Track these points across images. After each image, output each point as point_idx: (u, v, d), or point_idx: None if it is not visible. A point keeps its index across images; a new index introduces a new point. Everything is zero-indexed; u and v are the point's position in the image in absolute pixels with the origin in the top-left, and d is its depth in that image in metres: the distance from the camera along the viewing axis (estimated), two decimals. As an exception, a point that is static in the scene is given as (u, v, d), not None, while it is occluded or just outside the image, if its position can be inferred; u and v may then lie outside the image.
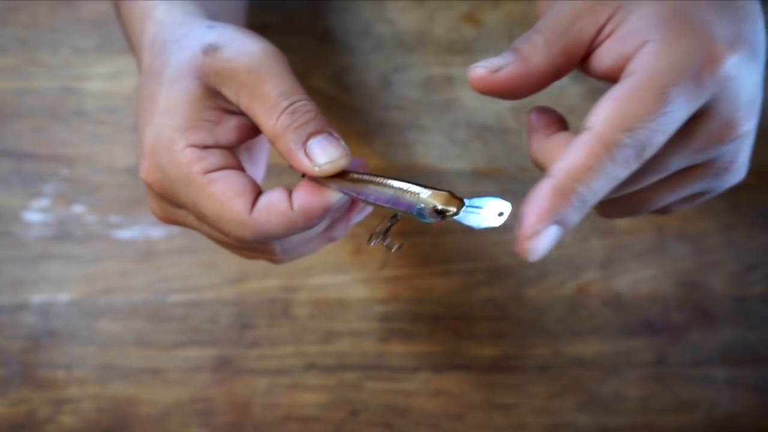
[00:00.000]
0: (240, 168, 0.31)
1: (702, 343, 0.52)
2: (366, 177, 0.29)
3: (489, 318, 0.52)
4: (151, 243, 0.51)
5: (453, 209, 0.26)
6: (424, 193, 0.27)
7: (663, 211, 0.32)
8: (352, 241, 0.52)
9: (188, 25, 0.32)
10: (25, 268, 0.51)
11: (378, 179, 0.28)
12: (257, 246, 0.32)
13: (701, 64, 0.25)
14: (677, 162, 0.28)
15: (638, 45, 0.26)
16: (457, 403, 0.51)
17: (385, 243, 0.31)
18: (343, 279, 0.52)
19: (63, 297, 0.51)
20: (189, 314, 0.51)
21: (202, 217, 0.30)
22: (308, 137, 0.29)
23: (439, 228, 0.52)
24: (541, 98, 0.57)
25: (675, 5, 0.27)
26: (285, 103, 0.29)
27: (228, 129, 0.31)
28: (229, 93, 0.30)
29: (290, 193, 0.30)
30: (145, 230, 0.52)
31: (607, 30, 0.28)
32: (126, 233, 0.52)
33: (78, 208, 0.52)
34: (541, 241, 0.25)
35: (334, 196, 0.29)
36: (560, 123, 0.30)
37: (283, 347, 0.51)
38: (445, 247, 0.52)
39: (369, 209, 0.35)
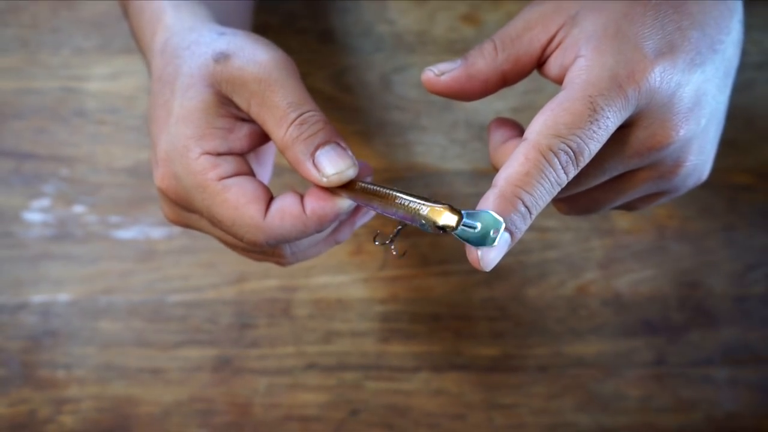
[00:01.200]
0: (251, 173, 0.31)
1: (702, 343, 0.52)
2: (372, 188, 0.30)
3: (489, 318, 0.52)
4: (151, 243, 0.51)
5: (452, 225, 0.27)
6: (424, 210, 0.28)
7: (628, 208, 0.34)
8: (352, 241, 0.52)
9: (198, 30, 0.32)
10: (26, 268, 0.51)
11: (384, 191, 0.29)
12: (268, 249, 0.33)
13: (625, 77, 0.27)
14: (615, 167, 0.29)
15: (573, 58, 0.28)
16: (457, 403, 0.51)
17: (392, 247, 0.31)
18: (343, 279, 0.52)
19: (63, 297, 0.51)
20: (189, 314, 0.51)
21: (216, 223, 0.31)
22: (316, 149, 0.29)
23: (439, 228, 0.52)
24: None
25: (611, 20, 0.28)
26: (294, 114, 0.29)
27: (240, 136, 0.31)
28: (240, 101, 0.30)
29: (301, 197, 0.30)
30: (146, 230, 0.52)
31: (557, 40, 0.29)
32: (126, 233, 0.52)
33: (78, 208, 0.52)
34: (490, 252, 0.27)
35: (344, 202, 0.30)
36: (515, 131, 0.31)
37: (283, 347, 0.51)
38: (445, 247, 0.52)
39: (372, 213, 0.36)
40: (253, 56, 0.30)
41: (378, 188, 0.29)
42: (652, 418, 0.51)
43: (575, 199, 0.32)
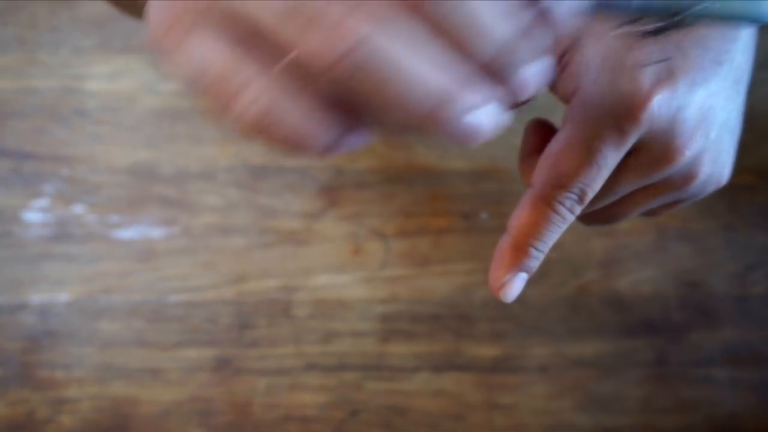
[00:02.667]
0: None
1: (702, 343, 0.52)
2: None
3: (489, 318, 0.52)
4: (151, 243, 0.51)
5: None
6: None
7: (649, 214, 0.34)
8: (352, 241, 0.52)
9: None
10: (25, 268, 0.51)
11: None
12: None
13: (623, 114, 0.27)
14: (624, 189, 0.30)
15: (573, 89, 0.28)
16: (457, 403, 0.51)
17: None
18: (343, 279, 0.52)
19: (63, 297, 0.51)
20: (189, 314, 0.51)
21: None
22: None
23: (439, 228, 0.52)
24: (542, 100, 0.57)
25: (611, 49, 0.28)
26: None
27: None
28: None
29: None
30: (145, 230, 0.52)
31: (564, 61, 0.29)
32: (126, 233, 0.52)
33: (78, 208, 0.52)
34: (511, 288, 0.30)
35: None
36: (544, 141, 0.31)
37: (283, 347, 0.51)
38: (445, 247, 0.52)
39: None
40: None
41: None
42: (652, 419, 0.51)
43: (593, 215, 0.33)
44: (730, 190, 0.53)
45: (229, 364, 0.51)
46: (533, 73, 0.21)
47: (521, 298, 0.52)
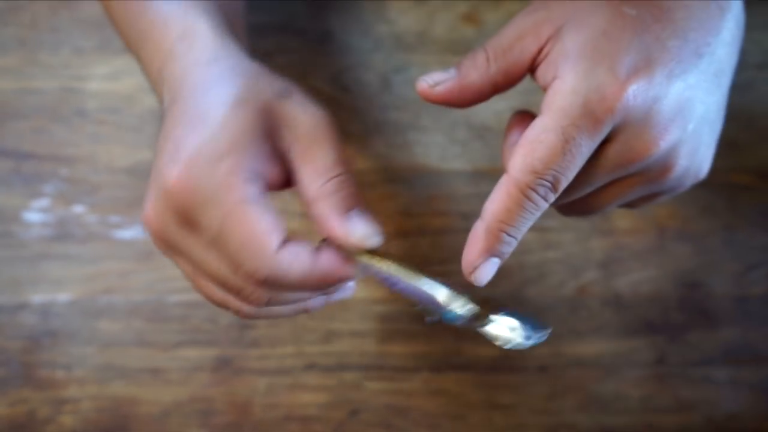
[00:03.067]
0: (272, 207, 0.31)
1: (702, 344, 0.52)
2: (394, 266, 0.31)
3: (489, 318, 0.52)
4: (151, 243, 0.51)
5: (482, 320, 0.31)
6: (459, 302, 0.31)
7: (628, 206, 0.34)
8: (352, 241, 0.52)
9: (247, 61, 0.32)
10: (26, 268, 0.51)
11: (406, 271, 0.30)
12: (248, 289, 0.31)
13: (597, 102, 0.27)
14: (599, 180, 0.30)
15: (552, 78, 0.29)
16: (457, 403, 0.51)
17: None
18: (343, 279, 0.52)
19: (63, 297, 0.51)
20: (189, 314, 0.51)
21: (220, 243, 0.30)
22: (350, 209, 0.31)
23: (439, 228, 0.52)
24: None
25: (590, 39, 0.28)
26: (337, 170, 0.31)
27: (273, 171, 0.31)
28: (286, 138, 0.31)
29: (316, 250, 0.31)
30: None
31: (545, 51, 0.29)
32: (126, 233, 0.52)
33: (78, 208, 0.52)
34: (482, 272, 0.31)
35: (354, 271, 0.31)
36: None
37: (283, 347, 0.51)
38: (445, 247, 0.52)
39: (350, 292, 0.35)
40: (311, 104, 0.31)
41: (401, 267, 0.31)
42: (652, 419, 0.51)
43: (570, 206, 0.33)
44: (730, 190, 0.54)
45: (229, 364, 0.51)
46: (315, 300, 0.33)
47: (521, 298, 0.52)
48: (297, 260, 0.30)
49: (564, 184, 0.28)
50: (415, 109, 0.53)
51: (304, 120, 0.31)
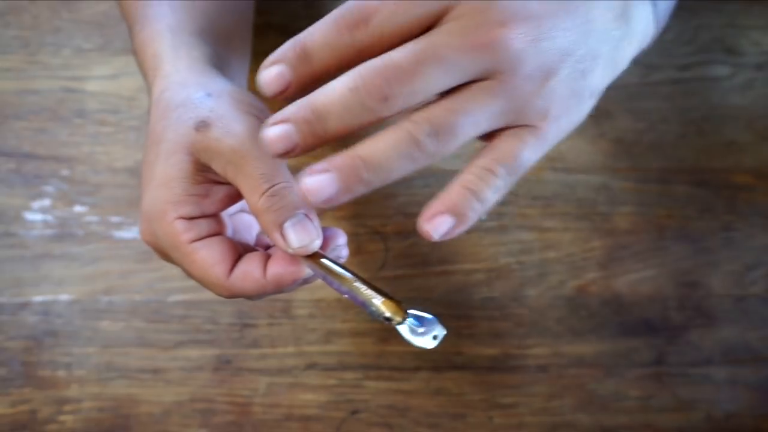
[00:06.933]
0: (222, 232, 0.35)
1: (701, 343, 0.52)
2: (333, 266, 0.32)
3: (489, 318, 0.52)
4: (152, 243, 0.52)
5: (399, 319, 0.31)
6: (378, 300, 0.31)
7: (485, 139, 0.31)
8: (352, 241, 0.52)
9: (190, 87, 0.34)
10: (27, 268, 0.51)
11: (343, 272, 0.32)
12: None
13: None
14: (434, 68, 0.27)
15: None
16: (457, 402, 0.51)
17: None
18: (343, 279, 0.52)
19: (64, 297, 0.51)
20: (189, 314, 0.51)
21: (189, 276, 0.35)
22: (284, 220, 0.32)
23: (439, 228, 0.53)
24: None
25: None
26: (265, 186, 0.32)
27: (215, 200, 0.34)
28: (217, 168, 0.33)
29: (267, 259, 0.33)
30: (146, 230, 0.52)
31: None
32: (127, 233, 0.52)
33: (79, 209, 0.52)
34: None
35: (305, 270, 0.33)
36: None
37: (283, 347, 0.51)
38: (445, 247, 0.52)
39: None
40: (231, 126, 0.32)
41: (338, 268, 0.32)
42: (651, 418, 0.51)
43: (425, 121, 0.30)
44: (730, 190, 0.54)
45: (229, 363, 0.51)
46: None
47: (521, 298, 0.53)
48: (248, 279, 0.33)
49: (374, 26, 0.27)
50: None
51: (227, 145, 0.32)
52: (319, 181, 0.28)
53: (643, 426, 0.51)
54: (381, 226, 0.52)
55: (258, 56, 0.54)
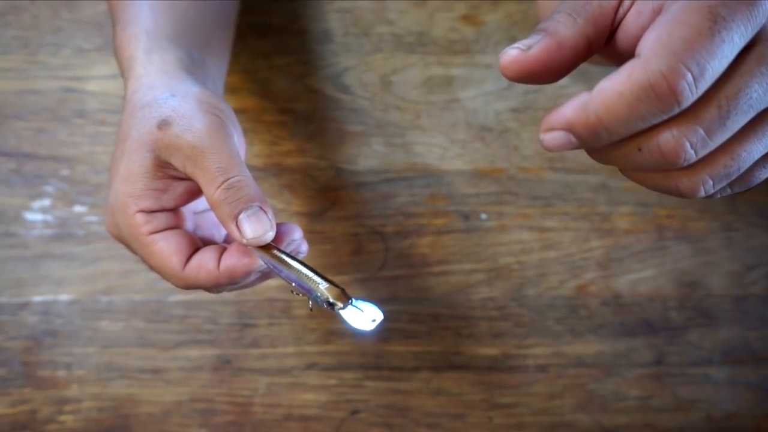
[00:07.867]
0: (180, 226, 0.37)
1: (701, 343, 0.52)
2: (282, 256, 0.34)
3: (489, 318, 0.52)
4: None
5: (341, 304, 0.32)
6: (323, 285, 0.32)
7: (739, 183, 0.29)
8: (352, 241, 0.52)
9: (156, 89, 0.36)
10: (27, 268, 0.51)
11: (291, 261, 0.33)
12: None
13: None
14: (738, 91, 0.24)
15: (658, 7, 0.25)
16: (457, 402, 0.51)
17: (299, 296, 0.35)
18: (342, 279, 0.52)
19: (64, 297, 0.51)
20: (189, 314, 0.51)
21: (148, 266, 0.37)
22: (239, 212, 0.33)
23: (439, 228, 0.53)
24: (541, 100, 0.57)
25: None
26: (221, 179, 0.33)
27: (174, 195, 0.36)
28: (177, 164, 0.34)
29: (223, 252, 0.35)
30: (146, 230, 0.52)
31: (626, 3, 0.26)
32: (127, 233, 0.52)
33: (79, 209, 0.52)
34: (550, 138, 0.25)
35: (257, 262, 0.34)
36: None
37: (283, 347, 0.51)
38: (445, 247, 0.52)
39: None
40: (191, 124, 0.34)
41: (289, 259, 0.33)
42: (651, 418, 0.51)
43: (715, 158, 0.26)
44: (730, 191, 0.54)
45: (229, 363, 0.51)
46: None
47: (521, 298, 0.53)
48: (202, 270, 0.34)
49: (708, 80, 0.23)
50: (416, 109, 0.53)
51: (186, 142, 0.34)
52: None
53: (643, 426, 0.51)
54: (381, 226, 0.52)
55: (257, 56, 0.54)
